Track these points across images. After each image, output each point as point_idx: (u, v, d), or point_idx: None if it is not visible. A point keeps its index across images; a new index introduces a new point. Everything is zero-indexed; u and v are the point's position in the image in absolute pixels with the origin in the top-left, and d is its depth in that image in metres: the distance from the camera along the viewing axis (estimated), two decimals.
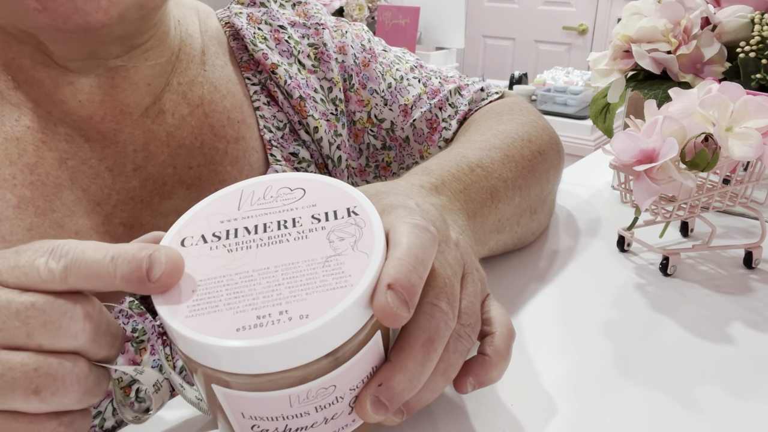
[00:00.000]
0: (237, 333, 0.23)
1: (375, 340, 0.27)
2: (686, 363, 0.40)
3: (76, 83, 0.42)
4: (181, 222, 0.28)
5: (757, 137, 0.44)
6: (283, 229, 0.27)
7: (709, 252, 0.55)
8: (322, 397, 0.26)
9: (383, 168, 0.59)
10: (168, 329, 0.25)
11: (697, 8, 0.57)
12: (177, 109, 0.47)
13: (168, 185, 0.46)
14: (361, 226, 0.27)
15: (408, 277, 0.25)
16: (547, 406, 0.36)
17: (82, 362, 0.25)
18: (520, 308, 0.46)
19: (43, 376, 0.24)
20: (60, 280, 0.24)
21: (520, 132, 0.52)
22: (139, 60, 0.44)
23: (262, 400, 0.25)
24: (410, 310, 0.25)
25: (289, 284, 0.25)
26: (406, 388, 0.27)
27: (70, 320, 0.24)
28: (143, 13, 0.39)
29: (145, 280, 0.25)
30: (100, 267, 0.25)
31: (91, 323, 0.25)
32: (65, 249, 0.25)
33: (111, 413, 0.39)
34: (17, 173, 0.40)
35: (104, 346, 0.26)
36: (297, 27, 0.56)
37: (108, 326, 0.26)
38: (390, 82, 0.58)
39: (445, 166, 0.43)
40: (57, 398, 0.24)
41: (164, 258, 0.25)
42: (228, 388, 0.25)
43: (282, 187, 0.29)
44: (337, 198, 0.29)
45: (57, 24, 0.35)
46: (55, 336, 0.24)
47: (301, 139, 0.53)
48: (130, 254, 0.25)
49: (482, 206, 0.44)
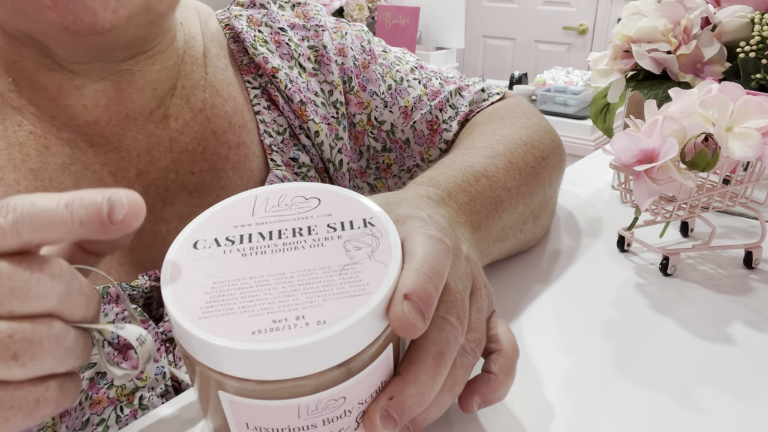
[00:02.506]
0: (252, 336, 0.23)
1: (387, 353, 0.26)
2: (686, 363, 0.40)
3: (81, 87, 0.41)
4: (192, 225, 0.28)
5: (757, 137, 0.44)
6: (299, 236, 0.27)
7: (709, 252, 0.55)
8: (331, 409, 0.25)
9: (384, 170, 0.59)
10: (179, 330, 0.24)
11: (697, 8, 0.57)
12: (180, 114, 0.47)
13: (170, 191, 0.46)
14: (378, 237, 0.27)
15: (425, 288, 0.25)
16: (547, 406, 0.36)
17: (58, 323, 0.25)
18: (520, 308, 0.46)
19: (19, 342, 0.23)
20: (11, 234, 0.24)
21: (523, 137, 0.52)
22: (146, 64, 0.44)
23: (270, 410, 0.25)
24: (426, 322, 0.25)
25: (305, 290, 0.25)
26: (417, 402, 0.26)
27: (37, 283, 0.24)
28: (151, 17, 0.39)
29: (106, 222, 0.24)
30: (54, 215, 0.24)
31: (60, 282, 0.25)
32: (11, 204, 0.24)
33: (115, 421, 0.39)
34: (21, 179, 0.40)
35: (79, 306, 0.25)
36: (297, 29, 0.56)
37: (80, 286, 0.26)
38: (390, 84, 0.57)
39: (451, 176, 0.43)
40: (37, 362, 0.24)
41: (125, 199, 0.25)
42: (236, 396, 0.24)
43: (296, 196, 0.29)
44: (352, 208, 0.29)
45: (66, 22, 0.36)
46: (24, 300, 0.24)
47: (301, 144, 0.53)
48: (86, 199, 0.25)
49: (487, 217, 0.44)
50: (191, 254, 0.27)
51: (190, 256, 0.27)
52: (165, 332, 0.42)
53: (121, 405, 0.40)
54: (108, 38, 0.38)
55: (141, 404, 0.40)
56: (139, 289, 0.42)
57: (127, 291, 0.41)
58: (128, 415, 0.40)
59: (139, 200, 0.25)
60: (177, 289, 0.25)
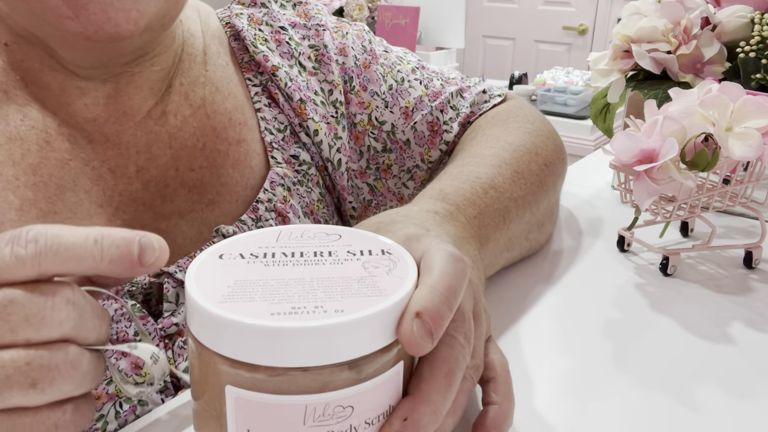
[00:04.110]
0: (272, 316, 0.24)
1: (397, 369, 0.26)
2: (686, 363, 0.40)
3: (83, 87, 0.42)
4: (218, 244, 0.30)
5: (757, 137, 0.44)
6: (320, 257, 0.29)
7: (709, 252, 0.55)
8: (338, 418, 0.25)
9: (384, 170, 0.59)
10: (196, 316, 0.25)
11: (697, 8, 0.57)
12: (179, 111, 0.47)
13: (170, 187, 0.46)
14: (396, 261, 0.28)
15: (438, 308, 0.25)
16: (547, 406, 0.36)
17: (73, 348, 0.25)
18: (520, 308, 0.46)
19: (37, 369, 0.24)
20: (31, 265, 0.24)
21: (527, 144, 0.52)
22: (146, 66, 0.44)
23: (276, 408, 0.24)
24: (434, 342, 0.25)
25: (324, 290, 0.26)
26: (431, 420, 0.26)
27: (52, 310, 0.24)
28: (164, 23, 0.40)
29: (135, 263, 0.25)
30: (81, 250, 0.25)
31: (74, 308, 0.25)
32: (32, 234, 0.24)
33: (114, 416, 0.39)
34: (20, 174, 0.40)
35: (92, 330, 0.26)
36: (298, 28, 0.56)
37: (92, 309, 0.26)
38: (391, 84, 0.57)
39: (460, 189, 0.43)
40: (55, 387, 0.25)
41: (156, 243, 0.26)
42: (244, 390, 0.24)
43: (319, 232, 0.31)
44: (371, 242, 0.30)
45: (87, 32, 0.36)
46: (40, 328, 0.24)
47: (302, 142, 0.53)
48: (118, 238, 0.25)
49: (495, 230, 0.44)
50: (216, 262, 0.28)
51: (215, 263, 0.28)
52: (164, 329, 0.42)
53: (120, 401, 0.40)
54: (122, 45, 0.39)
55: (140, 400, 0.41)
56: (138, 285, 0.42)
57: (126, 287, 0.41)
58: (127, 411, 0.40)
59: (165, 245, 0.27)
60: (200, 282, 0.26)
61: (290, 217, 0.50)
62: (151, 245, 0.26)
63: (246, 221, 0.47)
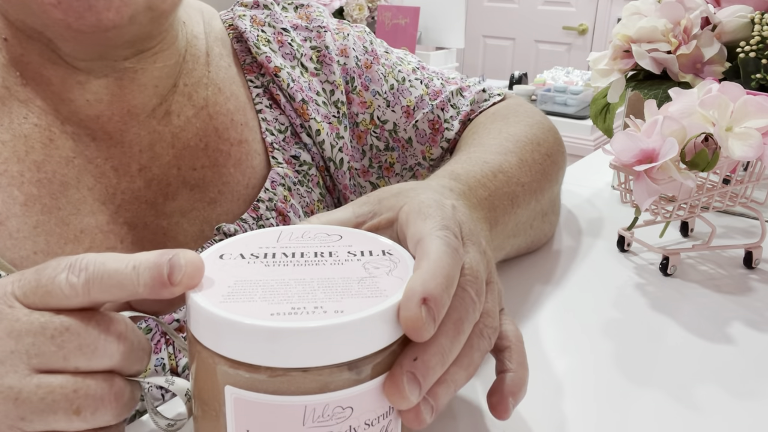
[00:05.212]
0: (271, 317, 0.24)
1: None
2: (686, 362, 0.40)
3: (84, 83, 0.42)
4: (218, 245, 0.30)
5: (757, 137, 0.45)
6: (320, 257, 0.29)
7: (709, 252, 0.55)
8: (337, 419, 0.25)
9: (386, 169, 0.59)
10: (196, 317, 0.25)
11: (697, 8, 0.58)
12: (183, 111, 0.47)
13: (172, 186, 0.46)
14: (396, 262, 0.29)
15: (442, 296, 0.26)
16: (547, 406, 0.36)
17: (119, 380, 0.26)
18: (521, 308, 0.46)
19: (82, 397, 0.25)
20: (83, 293, 0.25)
21: (529, 135, 0.53)
22: (148, 62, 0.44)
23: (276, 409, 0.24)
24: (435, 329, 0.26)
25: (324, 290, 0.26)
26: (439, 363, 0.27)
27: (104, 342, 0.25)
28: (153, 16, 0.40)
29: (167, 284, 0.25)
30: (123, 277, 0.25)
31: (125, 342, 0.26)
32: (84, 263, 0.25)
33: None
34: (25, 171, 0.40)
35: (136, 362, 0.27)
36: (299, 30, 0.56)
37: (139, 342, 0.27)
38: (392, 84, 0.58)
39: (471, 170, 0.44)
40: (98, 416, 0.25)
41: (183, 261, 0.26)
42: (244, 390, 0.24)
43: (320, 232, 0.31)
44: (372, 242, 0.30)
45: (69, 20, 0.36)
46: (90, 358, 0.25)
47: (303, 142, 0.54)
48: (151, 261, 0.26)
49: (504, 213, 0.44)
50: (217, 263, 0.28)
51: (216, 264, 0.28)
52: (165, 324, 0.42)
53: None
54: (110, 36, 0.39)
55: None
56: None
57: None
58: None
59: (197, 261, 0.26)
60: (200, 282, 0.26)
61: (291, 217, 0.50)
62: (178, 263, 0.26)
63: (247, 220, 0.48)
